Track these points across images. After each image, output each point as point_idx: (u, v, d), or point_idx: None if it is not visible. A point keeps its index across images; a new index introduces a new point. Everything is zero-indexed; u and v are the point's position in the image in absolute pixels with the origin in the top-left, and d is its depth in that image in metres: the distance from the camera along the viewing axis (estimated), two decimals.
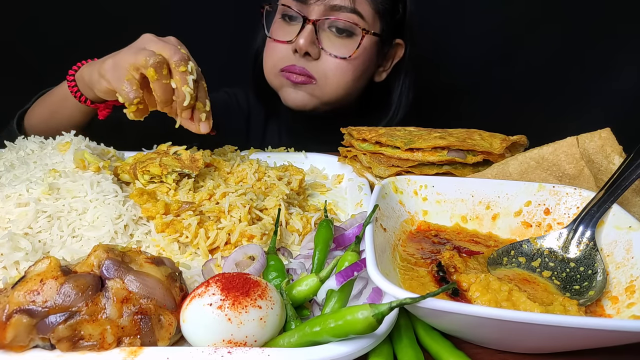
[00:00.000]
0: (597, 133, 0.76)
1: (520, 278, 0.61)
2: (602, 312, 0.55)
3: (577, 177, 0.75)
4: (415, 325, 0.53)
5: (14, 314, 0.44)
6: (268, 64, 1.28)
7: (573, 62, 1.78)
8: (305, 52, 1.17)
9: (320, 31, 1.18)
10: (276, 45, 1.23)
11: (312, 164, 1.06)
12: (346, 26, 1.17)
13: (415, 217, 0.74)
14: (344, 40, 1.19)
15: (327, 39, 1.19)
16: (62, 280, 0.46)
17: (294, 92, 1.25)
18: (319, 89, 1.24)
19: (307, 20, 1.15)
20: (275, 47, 1.23)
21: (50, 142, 0.91)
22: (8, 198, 0.69)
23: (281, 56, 1.22)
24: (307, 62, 1.20)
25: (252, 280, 0.49)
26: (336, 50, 1.19)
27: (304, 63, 1.20)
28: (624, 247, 0.59)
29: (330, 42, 1.19)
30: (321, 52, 1.19)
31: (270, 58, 1.26)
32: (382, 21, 1.23)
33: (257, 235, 0.70)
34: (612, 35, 1.72)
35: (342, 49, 1.19)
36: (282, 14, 1.22)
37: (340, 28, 1.17)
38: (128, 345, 0.46)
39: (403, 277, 0.59)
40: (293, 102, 1.27)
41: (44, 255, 0.64)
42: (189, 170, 0.81)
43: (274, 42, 1.23)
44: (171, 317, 0.48)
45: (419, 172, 0.87)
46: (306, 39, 1.15)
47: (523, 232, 0.71)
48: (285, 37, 1.20)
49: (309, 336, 0.46)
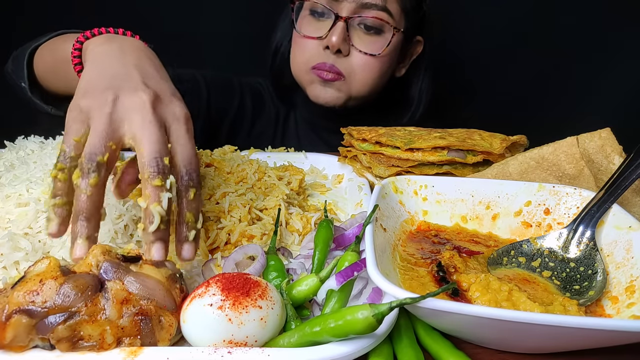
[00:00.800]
0: (597, 133, 0.76)
1: (520, 278, 0.61)
2: (602, 312, 0.55)
3: (577, 177, 0.75)
4: (415, 325, 0.53)
5: (14, 314, 0.44)
6: (298, 61, 1.28)
7: (573, 62, 1.78)
8: (337, 49, 1.18)
9: (350, 28, 1.19)
10: (306, 42, 1.23)
11: (312, 164, 1.06)
12: (376, 24, 1.18)
13: (415, 217, 0.74)
14: (372, 37, 1.20)
15: (356, 36, 1.20)
16: (62, 281, 0.46)
17: (323, 89, 1.27)
18: (346, 85, 1.25)
19: (339, 17, 1.16)
20: (305, 44, 1.24)
21: (50, 142, 0.91)
22: (8, 198, 0.69)
23: (312, 53, 1.23)
24: (337, 58, 1.21)
25: (252, 281, 0.49)
26: (366, 47, 1.20)
27: (333, 59, 1.21)
28: (624, 247, 0.59)
29: (360, 39, 1.20)
30: (350, 48, 1.21)
31: (302, 55, 1.26)
32: (407, 19, 1.25)
33: (257, 235, 0.70)
34: (613, 35, 1.72)
35: (371, 45, 1.20)
36: (311, 10, 1.23)
37: (370, 25, 1.18)
38: (128, 345, 0.46)
39: (403, 277, 0.59)
40: (323, 99, 1.28)
41: (44, 255, 0.64)
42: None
43: (303, 39, 1.24)
44: (171, 318, 0.48)
45: (419, 172, 0.87)
46: (339, 36, 1.16)
47: (523, 232, 0.71)
48: (315, 34, 1.21)
49: (309, 336, 0.46)
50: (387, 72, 1.30)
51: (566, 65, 1.79)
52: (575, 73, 1.79)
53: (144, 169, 0.54)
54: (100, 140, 0.54)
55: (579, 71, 1.78)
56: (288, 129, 1.48)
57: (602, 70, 1.77)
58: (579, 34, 1.72)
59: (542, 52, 1.77)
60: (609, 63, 1.77)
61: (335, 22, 1.17)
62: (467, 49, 1.77)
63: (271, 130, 1.47)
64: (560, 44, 1.75)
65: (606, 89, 1.79)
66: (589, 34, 1.71)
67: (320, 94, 1.28)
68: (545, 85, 1.82)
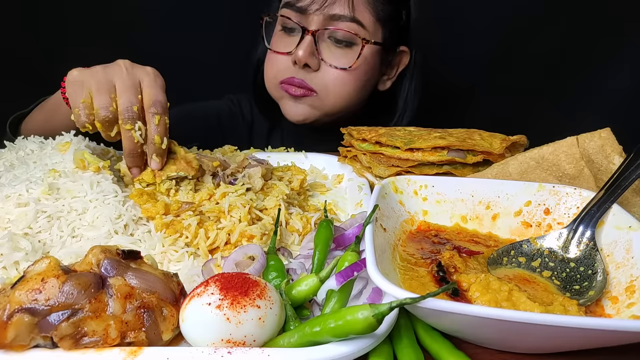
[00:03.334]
0: (597, 133, 0.76)
1: (520, 278, 0.61)
2: (602, 312, 0.55)
3: (577, 177, 0.75)
4: (415, 325, 0.53)
5: (16, 313, 0.44)
6: (268, 76, 1.27)
7: (573, 62, 1.78)
8: (304, 63, 1.15)
9: (319, 42, 1.16)
10: (276, 57, 1.21)
11: (312, 164, 1.06)
12: (345, 36, 1.15)
13: (415, 217, 0.74)
14: (343, 50, 1.17)
15: (327, 49, 1.17)
16: (64, 279, 0.46)
17: (294, 105, 1.24)
18: (320, 101, 1.22)
19: (307, 31, 1.14)
20: (275, 59, 1.22)
21: (50, 142, 0.91)
22: (8, 198, 0.69)
23: (281, 68, 1.21)
24: (307, 73, 1.18)
25: (251, 280, 0.49)
26: (336, 61, 1.17)
27: (303, 75, 1.18)
28: (624, 247, 0.59)
29: (330, 52, 1.17)
30: (321, 63, 1.18)
31: (271, 70, 1.25)
32: (385, 29, 1.20)
33: (257, 235, 0.70)
34: (613, 34, 1.72)
35: (342, 59, 1.17)
36: (282, 26, 1.21)
37: (339, 39, 1.15)
38: (133, 339, 0.46)
39: (403, 277, 0.59)
40: (294, 115, 1.26)
41: (44, 255, 0.64)
42: (185, 173, 0.80)
43: (274, 54, 1.22)
44: (173, 309, 0.49)
45: (419, 172, 0.86)
46: (305, 51, 1.14)
47: (523, 232, 0.71)
48: (285, 49, 1.19)
49: (309, 336, 0.46)
50: (364, 87, 1.25)
51: (566, 65, 1.79)
52: (575, 73, 1.79)
53: (120, 117, 0.74)
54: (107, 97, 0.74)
55: (579, 71, 1.78)
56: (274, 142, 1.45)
57: (602, 70, 1.77)
58: (579, 34, 1.72)
59: (542, 52, 1.77)
60: (609, 63, 1.77)
61: (302, 37, 1.14)
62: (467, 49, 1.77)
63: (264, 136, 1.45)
64: (560, 43, 1.75)
65: (606, 89, 1.79)
66: (589, 33, 1.71)
67: (291, 110, 1.25)
68: (545, 85, 1.82)
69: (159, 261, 0.66)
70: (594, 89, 1.80)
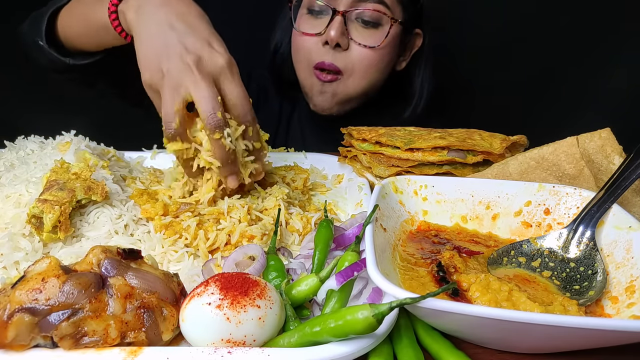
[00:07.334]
0: (597, 133, 0.76)
1: (520, 278, 0.61)
2: (602, 312, 0.55)
3: (577, 177, 0.75)
4: (415, 325, 0.53)
5: (16, 312, 0.44)
6: (300, 58, 1.30)
7: (573, 62, 1.78)
8: (336, 43, 1.19)
9: (348, 22, 1.20)
10: (305, 39, 1.25)
11: (312, 164, 1.06)
12: (373, 16, 1.19)
13: (415, 217, 0.74)
14: (370, 31, 1.21)
15: (354, 29, 1.21)
16: (64, 279, 0.46)
17: (321, 95, 1.29)
18: (343, 85, 1.27)
19: (336, 12, 1.18)
20: (303, 41, 1.25)
21: (50, 142, 0.91)
22: (8, 198, 0.69)
23: (312, 50, 1.24)
24: (336, 53, 1.22)
25: (251, 280, 0.49)
26: (364, 40, 1.21)
27: (332, 56, 1.22)
28: (624, 247, 0.59)
29: (358, 32, 1.21)
30: (350, 42, 1.22)
31: (301, 52, 1.28)
32: (405, 11, 1.25)
33: (257, 236, 0.70)
34: (613, 34, 1.72)
35: (370, 38, 1.21)
36: (309, 9, 1.24)
37: (367, 19, 1.19)
38: (133, 339, 0.46)
39: (403, 277, 0.59)
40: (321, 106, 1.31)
41: (44, 255, 0.64)
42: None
43: (302, 36, 1.25)
44: (173, 309, 0.49)
45: (419, 172, 0.87)
46: (337, 30, 1.18)
47: (523, 232, 0.71)
48: (314, 30, 1.22)
49: (309, 336, 0.46)
50: (387, 66, 1.31)
51: (566, 65, 1.79)
52: (575, 73, 1.79)
53: (205, 125, 0.67)
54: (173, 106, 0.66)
55: (579, 71, 1.78)
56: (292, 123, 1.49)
57: (602, 69, 1.77)
58: (580, 34, 1.72)
59: (542, 52, 1.77)
60: (609, 63, 1.77)
61: (333, 17, 1.18)
62: (466, 48, 1.77)
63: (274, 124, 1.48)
64: (560, 43, 1.75)
65: (606, 89, 1.79)
66: (590, 33, 1.71)
67: (317, 101, 1.31)
68: (545, 85, 1.82)
69: (159, 261, 0.66)
70: (594, 89, 1.80)
